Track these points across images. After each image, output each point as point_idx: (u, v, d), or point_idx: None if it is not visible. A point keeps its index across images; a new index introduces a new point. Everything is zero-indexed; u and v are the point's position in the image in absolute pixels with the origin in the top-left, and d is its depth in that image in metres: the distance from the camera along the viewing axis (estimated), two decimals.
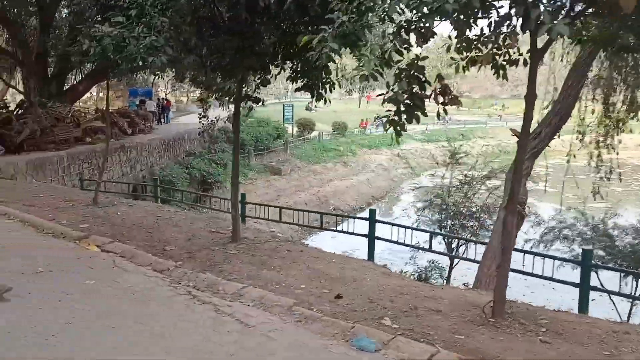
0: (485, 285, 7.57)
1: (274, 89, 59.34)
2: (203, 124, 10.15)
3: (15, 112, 16.46)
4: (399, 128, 4.06)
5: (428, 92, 4.06)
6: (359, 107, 59.15)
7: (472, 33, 3.93)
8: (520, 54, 4.07)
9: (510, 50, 4.02)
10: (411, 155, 37.35)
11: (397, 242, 8.40)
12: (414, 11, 3.61)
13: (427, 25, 3.68)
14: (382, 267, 6.75)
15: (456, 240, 11.80)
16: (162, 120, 28.21)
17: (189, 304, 4.31)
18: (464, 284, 9.30)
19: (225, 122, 11.68)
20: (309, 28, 5.61)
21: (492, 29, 3.87)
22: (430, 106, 4.05)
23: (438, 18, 3.54)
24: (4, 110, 16.45)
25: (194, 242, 6.60)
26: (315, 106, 53.34)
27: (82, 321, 3.86)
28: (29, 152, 15.08)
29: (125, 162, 16.04)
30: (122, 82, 25.03)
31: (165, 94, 43.48)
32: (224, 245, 6.49)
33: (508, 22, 3.79)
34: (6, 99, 23.70)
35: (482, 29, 3.91)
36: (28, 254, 5.41)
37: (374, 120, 33.94)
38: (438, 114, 4.09)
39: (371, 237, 8.30)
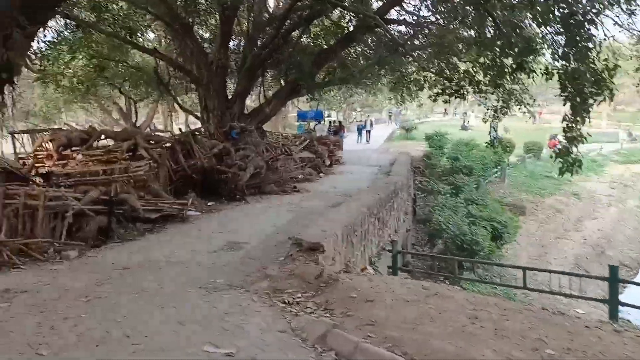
0: None
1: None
2: None
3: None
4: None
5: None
6: (535, 123, 49.53)
7: None
8: None
9: None
10: (630, 182, 29.21)
11: None
12: None
13: None
14: None
15: None
16: None
17: None
18: None
19: None
20: None
21: None
22: None
23: None
24: (207, 138, 11.46)
25: None
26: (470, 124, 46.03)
27: None
28: (258, 197, 9.85)
29: (397, 209, 10.12)
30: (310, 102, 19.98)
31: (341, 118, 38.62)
32: None
33: None
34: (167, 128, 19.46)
35: None
36: None
37: (551, 140, 25.23)
38: None
39: None
